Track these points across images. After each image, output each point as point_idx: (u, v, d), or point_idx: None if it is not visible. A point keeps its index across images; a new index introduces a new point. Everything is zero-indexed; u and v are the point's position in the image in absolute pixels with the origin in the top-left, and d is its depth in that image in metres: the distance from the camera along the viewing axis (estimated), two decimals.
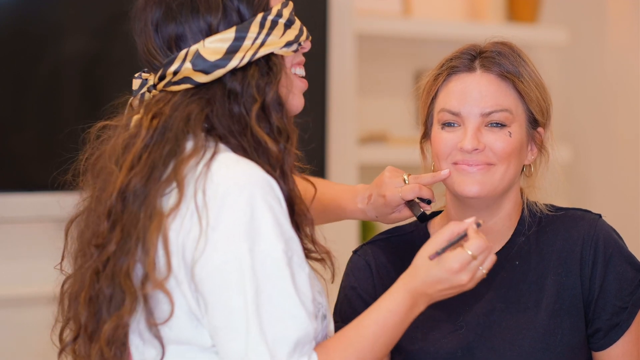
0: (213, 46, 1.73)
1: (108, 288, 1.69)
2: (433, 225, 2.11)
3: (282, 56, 1.77)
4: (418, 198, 2.04)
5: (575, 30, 4.85)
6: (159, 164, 1.69)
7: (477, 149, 1.94)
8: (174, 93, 1.75)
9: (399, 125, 4.57)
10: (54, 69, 3.41)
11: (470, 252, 1.72)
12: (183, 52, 1.73)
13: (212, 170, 1.67)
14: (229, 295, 1.63)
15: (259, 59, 1.74)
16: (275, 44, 1.75)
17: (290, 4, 1.80)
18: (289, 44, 1.77)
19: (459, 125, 1.97)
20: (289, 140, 1.74)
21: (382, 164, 4.41)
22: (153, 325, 1.69)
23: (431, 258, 1.73)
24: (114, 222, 1.71)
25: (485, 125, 1.96)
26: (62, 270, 1.82)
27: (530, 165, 2.03)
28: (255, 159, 1.71)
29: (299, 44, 1.79)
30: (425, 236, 2.07)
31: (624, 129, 4.83)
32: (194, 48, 1.73)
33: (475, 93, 1.96)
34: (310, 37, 1.82)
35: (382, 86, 4.55)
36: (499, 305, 1.97)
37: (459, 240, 1.73)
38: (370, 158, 4.28)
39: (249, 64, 1.73)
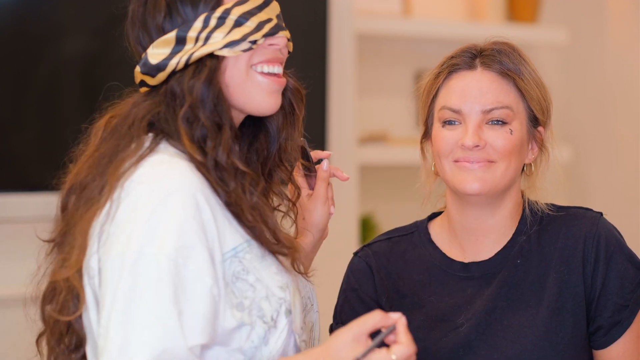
0: (158, 50, 1.74)
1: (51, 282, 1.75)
2: (433, 226, 2.10)
3: (223, 57, 1.73)
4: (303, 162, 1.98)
5: (575, 30, 4.85)
6: (101, 162, 1.71)
7: (478, 146, 1.94)
8: (138, 94, 1.79)
9: (398, 125, 4.57)
10: (54, 69, 3.41)
11: (394, 358, 1.58)
12: (143, 55, 1.77)
13: (138, 167, 1.67)
14: (106, 289, 1.61)
15: (199, 60, 1.72)
16: (216, 44, 1.72)
17: (251, 2, 1.76)
18: (232, 44, 1.73)
19: (460, 123, 1.97)
20: (219, 144, 1.70)
21: (382, 164, 4.44)
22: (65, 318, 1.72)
23: None
24: (64, 216, 1.76)
25: (486, 123, 1.96)
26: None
27: (530, 164, 2.04)
28: (195, 160, 1.69)
29: (253, 42, 1.74)
30: (426, 236, 2.08)
31: (624, 129, 4.83)
32: (149, 51, 1.76)
33: (475, 90, 1.97)
34: (279, 33, 1.77)
35: (382, 86, 4.56)
36: (501, 303, 1.97)
37: (385, 335, 1.59)
38: (370, 158, 4.28)
39: (188, 65, 1.72)
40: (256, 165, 1.82)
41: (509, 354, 1.94)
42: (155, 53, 1.74)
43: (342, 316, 2.04)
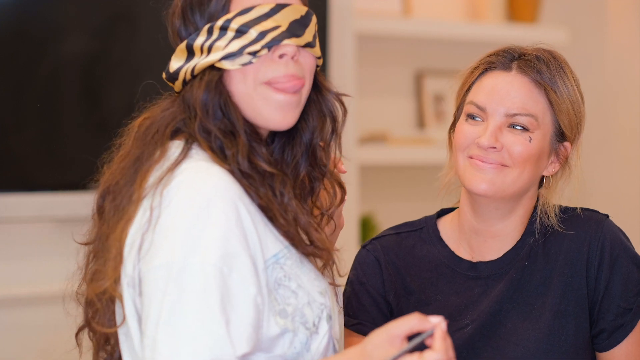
0: (176, 58, 1.74)
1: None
2: (443, 222, 2.09)
3: (224, 70, 1.70)
4: None
5: (575, 30, 4.85)
6: (130, 169, 1.70)
7: (493, 147, 1.93)
8: (168, 99, 1.77)
9: (399, 125, 4.57)
10: (54, 69, 3.41)
11: None
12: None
13: (175, 174, 1.65)
14: (150, 300, 1.59)
15: (203, 70, 1.70)
16: (216, 55, 1.69)
17: (259, 9, 1.70)
18: (230, 56, 1.69)
19: (483, 121, 1.96)
20: (236, 147, 1.69)
21: (382, 164, 4.44)
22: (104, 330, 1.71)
23: None
24: (96, 222, 1.74)
25: (508, 126, 1.95)
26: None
27: (550, 177, 2.01)
28: (224, 167, 1.68)
29: (253, 54, 1.69)
30: (435, 233, 2.07)
31: (624, 129, 4.83)
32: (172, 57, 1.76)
33: (504, 92, 1.95)
34: (284, 41, 1.69)
35: (382, 86, 4.55)
36: (506, 305, 1.97)
37: (421, 340, 1.55)
38: (370, 158, 4.28)
39: (194, 75, 1.71)
40: (289, 166, 1.78)
41: (511, 356, 1.94)
42: (174, 60, 1.74)
43: (348, 309, 2.03)
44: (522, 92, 1.95)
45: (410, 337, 1.56)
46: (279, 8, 1.70)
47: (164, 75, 1.76)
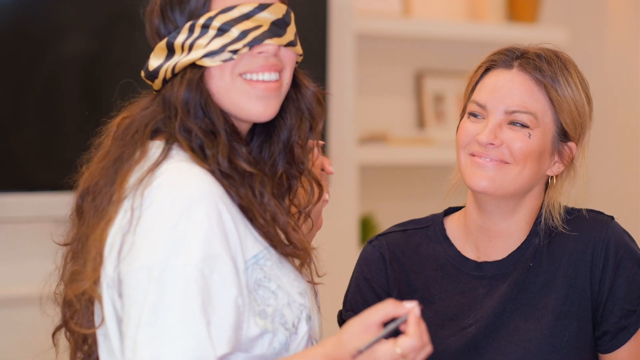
0: (155, 56, 1.74)
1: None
2: (449, 221, 2.09)
3: (205, 67, 1.70)
4: None
5: (575, 30, 4.85)
6: (110, 169, 1.70)
7: (492, 144, 1.93)
8: (147, 97, 1.77)
9: (399, 125, 4.57)
10: (54, 69, 3.41)
11: (399, 351, 1.53)
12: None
13: (155, 175, 1.65)
14: (131, 301, 1.59)
15: (184, 68, 1.70)
16: (197, 53, 1.69)
17: (241, 8, 1.70)
18: (211, 54, 1.69)
19: (484, 118, 1.96)
20: (216, 147, 1.69)
21: (382, 164, 4.44)
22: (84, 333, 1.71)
23: (353, 357, 1.55)
24: (78, 221, 1.73)
25: (508, 123, 1.95)
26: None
27: (554, 177, 2.01)
28: (204, 168, 1.68)
29: (234, 52, 1.69)
30: (441, 232, 2.06)
31: (624, 129, 4.83)
32: (151, 55, 1.75)
33: (505, 90, 1.95)
34: (265, 41, 1.70)
35: (382, 86, 4.55)
36: (509, 306, 1.97)
37: (395, 326, 1.55)
38: (370, 158, 4.28)
39: (175, 74, 1.71)
40: (267, 164, 1.79)
41: (513, 357, 1.93)
42: (153, 59, 1.74)
43: (352, 305, 2.04)
44: (522, 90, 1.95)
45: (386, 324, 1.55)
46: (261, 8, 1.71)
47: (142, 74, 1.76)
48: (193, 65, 1.70)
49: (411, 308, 1.55)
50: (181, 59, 1.70)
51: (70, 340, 1.77)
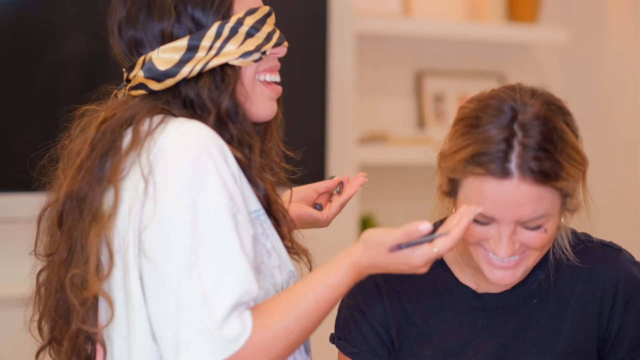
0: (166, 55, 1.73)
1: (65, 296, 1.71)
2: None
3: (238, 66, 1.74)
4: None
5: (575, 30, 4.85)
6: (97, 165, 1.69)
7: (513, 255, 1.80)
8: (134, 97, 1.77)
9: (399, 125, 4.57)
10: (54, 69, 3.41)
11: (436, 250, 1.63)
12: (142, 58, 1.76)
13: (155, 136, 1.66)
14: (165, 254, 1.59)
15: (213, 69, 1.72)
16: (230, 54, 1.72)
17: (262, 10, 1.77)
18: (246, 54, 1.73)
19: (489, 223, 1.79)
20: (251, 150, 1.73)
21: (382, 164, 4.43)
22: (94, 332, 1.69)
23: (391, 250, 1.63)
24: (63, 228, 1.72)
25: (520, 226, 1.79)
26: (36, 255, 1.81)
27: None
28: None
29: (263, 53, 1.75)
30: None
31: (624, 129, 4.83)
32: (149, 55, 1.74)
33: (511, 203, 1.76)
34: (284, 43, 1.79)
35: (382, 86, 4.56)
36: (512, 345, 1.88)
37: (439, 236, 1.64)
38: (370, 158, 4.28)
39: (201, 73, 1.72)
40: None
41: None
42: (163, 59, 1.73)
43: (346, 334, 1.93)
44: (530, 198, 1.76)
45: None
46: (270, 12, 1.79)
47: (142, 75, 1.74)
48: (227, 66, 1.72)
49: (469, 216, 1.67)
50: (212, 59, 1.71)
51: (58, 355, 1.77)
